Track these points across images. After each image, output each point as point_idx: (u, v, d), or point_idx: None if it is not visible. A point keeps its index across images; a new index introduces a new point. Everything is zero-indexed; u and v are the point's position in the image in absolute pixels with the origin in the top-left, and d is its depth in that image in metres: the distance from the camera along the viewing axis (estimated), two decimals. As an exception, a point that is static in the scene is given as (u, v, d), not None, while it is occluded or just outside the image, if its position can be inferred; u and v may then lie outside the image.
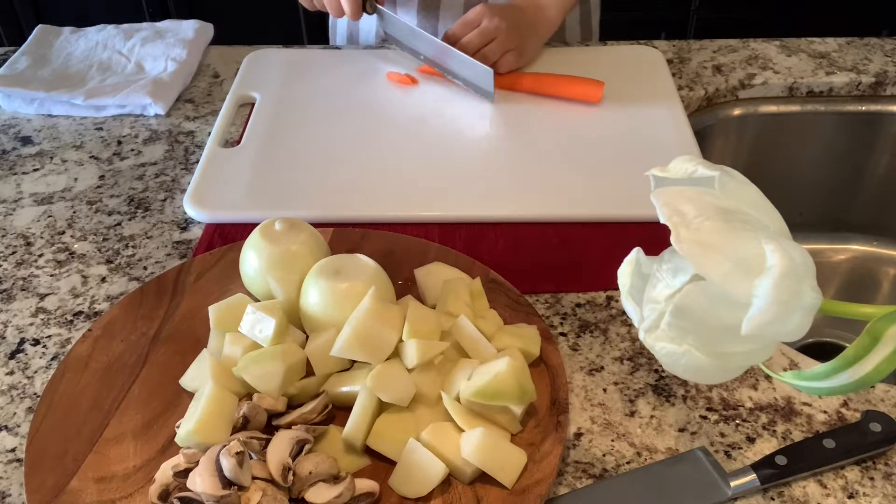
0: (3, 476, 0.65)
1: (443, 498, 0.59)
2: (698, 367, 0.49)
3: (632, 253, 0.54)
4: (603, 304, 0.78)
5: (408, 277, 0.76)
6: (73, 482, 0.61)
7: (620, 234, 0.84)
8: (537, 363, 0.68)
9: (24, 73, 1.10)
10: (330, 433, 0.63)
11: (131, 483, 0.61)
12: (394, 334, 0.65)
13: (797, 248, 0.47)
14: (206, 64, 1.16)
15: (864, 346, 0.47)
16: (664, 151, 0.93)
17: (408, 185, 0.90)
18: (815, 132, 1.14)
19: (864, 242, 1.22)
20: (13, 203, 0.93)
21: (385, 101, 1.04)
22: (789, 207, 0.59)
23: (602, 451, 0.65)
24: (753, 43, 1.18)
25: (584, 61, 1.11)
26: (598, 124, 0.99)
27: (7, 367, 0.73)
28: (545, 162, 0.93)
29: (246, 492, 0.56)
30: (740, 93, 1.11)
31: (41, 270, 0.83)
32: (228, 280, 0.76)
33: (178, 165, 0.97)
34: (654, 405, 0.68)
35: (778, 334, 0.47)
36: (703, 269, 0.46)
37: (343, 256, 0.71)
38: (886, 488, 0.62)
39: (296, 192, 0.89)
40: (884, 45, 1.17)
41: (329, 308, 0.68)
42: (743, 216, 0.48)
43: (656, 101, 1.03)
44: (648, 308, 0.50)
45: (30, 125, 1.06)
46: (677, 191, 0.49)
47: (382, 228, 0.84)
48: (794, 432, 0.66)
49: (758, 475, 0.61)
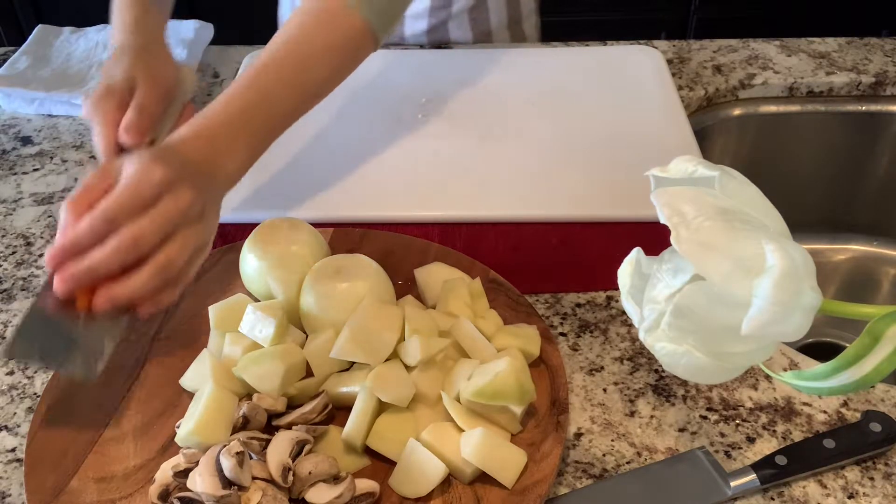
0: (3, 476, 0.65)
1: (443, 498, 0.59)
2: (698, 367, 0.49)
3: (632, 253, 0.54)
4: (603, 304, 0.78)
5: (408, 277, 0.76)
6: (73, 482, 0.61)
7: (620, 234, 0.84)
8: (537, 363, 0.68)
9: (24, 73, 1.10)
10: (330, 433, 0.63)
11: (131, 483, 0.61)
12: (392, 335, 0.65)
13: (797, 248, 0.47)
14: (206, 64, 1.16)
15: (864, 346, 0.47)
16: (664, 151, 0.93)
17: (408, 185, 0.90)
18: (815, 132, 1.14)
19: (864, 242, 1.22)
20: (13, 203, 0.93)
21: (385, 101, 1.04)
22: (789, 207, 0.59)
23: (602, 451, 0.65)
24: (753, 43, 1.18)
25: (585, 61, 1.11)
26: (597, 124, 0.99)
27: (7, 367, 0.73)
28: (545, 162, 0.93)
29: (246, 492, 0.56)
30: (740, 93, 1.11)
31: (41, 270, 0.83)
32: (228, 280, 0.76)
33: (178, 165, 0.97)
34: (654, 405, 0.68)
35: (778, 334, 0.47)
36: (703, 269, 0.46)
37: (343, 256, 0.71)
38: (886, 488, 0.62)
39: (296, 192, 0.89)
40: (884, 45, 1.17)
41: (329, 308, 0.68)
42: (743, 216, 0.48)
43: (656, 101, 1.03)
44: (648, 308, 0.50)
45: (30, 125, 1.06)
46: (677, 191, 0.49)
47: (382, 228, 0.84)
48: (794, 432, 0.66)
49: (758, 475, 0.61)
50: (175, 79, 0.80)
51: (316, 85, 0.75)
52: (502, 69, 1.10)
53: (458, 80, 1.07)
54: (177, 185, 0.62)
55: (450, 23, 1.16)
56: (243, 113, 0.69)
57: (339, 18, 0.75)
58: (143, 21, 0.81)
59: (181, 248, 0.62)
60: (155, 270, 0.61)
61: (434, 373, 0.64)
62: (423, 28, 1.17)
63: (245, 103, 0.69)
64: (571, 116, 1.01)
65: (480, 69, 1.10)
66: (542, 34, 1.28)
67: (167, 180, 0.61)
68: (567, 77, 1.08)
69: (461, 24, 1.17)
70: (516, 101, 1.04)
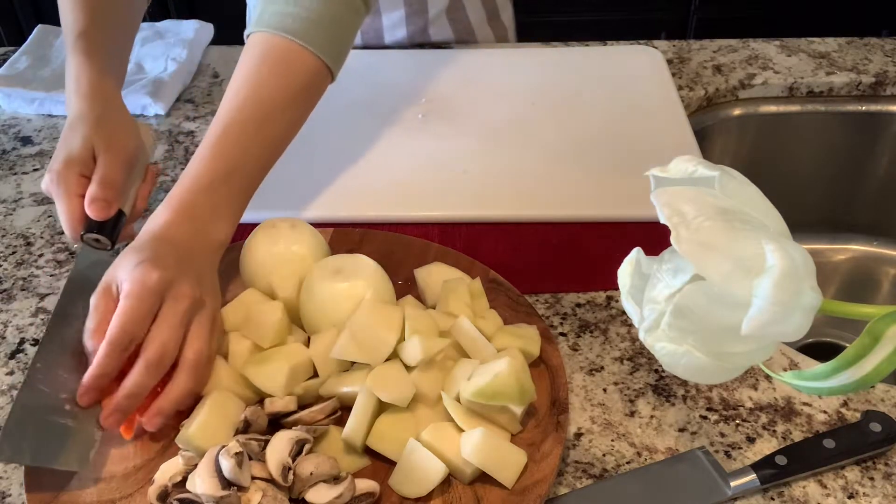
0: (3, 476, 0.65)
1: (443, 498, 0.59)
2: (698, 367, 0.49)
3: (632, 253, 0.54)
4: (603, 304, 0.78)
5: (408, 277, 0.76)
6: (73, 482, 0.61)
7: (620, 234, 0.84)
8: (537, 363, 0.68)
9: (24, 73, 1.10)
10: (330, 433, 0.63)
11: (131, 483, 0.61)
12: (392, 335, 0.65)
13: (797, 248, 0.47)
14: (206, 64, 1.16)
15: (864, 346, 0.47)
16: (664, 151, 0.93)
17: (408, 185, 0.90)
18: (815, 132, 1.14)
19: (864, 242, 1.22)
20: (13, 203, 0.93)
21: (385, 101, 1.04)
22: (789, 207, 0.59)
23: (602, 451, 0.65)
24: (753, 43, 1.18)
25: (585, 61, 1.11)
26: (598, 124, 0.99)
27: (7, 367, 0.73)
28: (545, 162, 0.93)
29: (246, 492, 0.56)
30: (740, 93, 1.11)
31: (41, 270, 0.83)
32: (228, 280, 0.76)
33: (178, 165, 0.97)
34: (654, 405, 0.68)
35: (778, 334, 0.47)
36: (703, 269, 0.46)
37: (343, 256, 0.71)
38: (886, 488, 0.62)
39: (296, 192, 0.89)
40: (884, 45, 1.17)
41: (329, 308, 0.68)
42: (743, 216, 0.48)
43: (656, 101, 1.03)
44: (648, 308, 0.50)
45: (30, 125, 1.06)
46: (677, 191, 0.49)
47: (382, 228, 0.84)
48: (794, 432, 0.66)
49: (758, 475, 0.61)
50: (136, 145, 0.78)
51: (282, 133, 0.74)
52: (502, 69, 1.10)
53: (458, 80, 1.07)
54: (175, 283, 0.63)
55: (429, 28, 1.16)
56: (213, 184, 0.69)
57: (294, 62, 0.74)
58: (99, 87, 0.79)
59: (202, 339, 0.63)
60: (190, 372, 0.62)
61: (434, 373, 0.64)
62: (402, 35, 1.16)
63: (215, 174, 0.69)
64: (571, 116, 1.01)
65: (480, 69, 1.10)
66: (543, 34, 1.27)
67: (165, 281, 0.62)
68: (567, 77, 1.08)
69: (441, 27, 1.16)
70: (516, 101, 1.04)
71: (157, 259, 0.63)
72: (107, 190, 0.73)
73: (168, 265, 0.63)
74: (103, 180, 0.73)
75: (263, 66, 0.74)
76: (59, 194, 0.73)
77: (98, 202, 0.72)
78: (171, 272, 0.63)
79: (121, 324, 0.60)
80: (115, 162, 0.75)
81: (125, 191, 0.76)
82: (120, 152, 0.76)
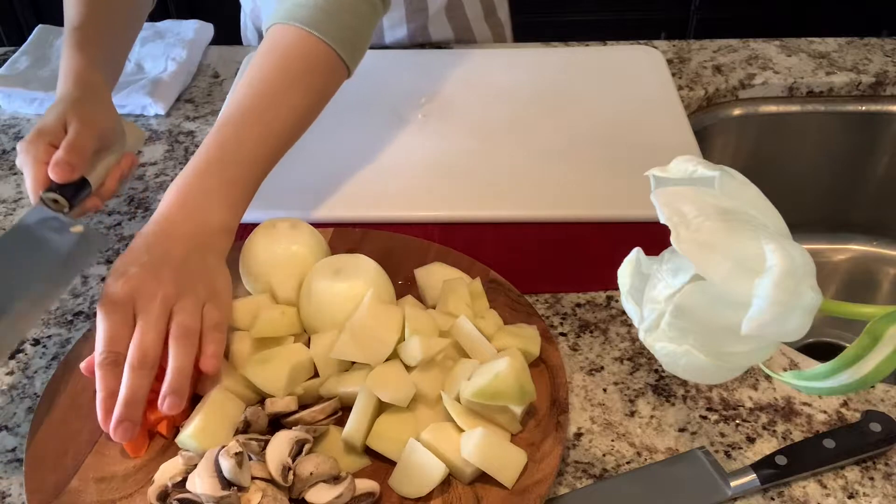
0: (3, 476, 0.65)
1: (443, 498, 0.59)
2: (698, 367, 0.49)
3: (632, 253, 0.54)
4: (603, 304, 0.78)
5: (408, 277, 0.76)
6: (73, 482, 0.61)
7: (620, 234, 0.84)
8: (537, 363, 0.68)
9: (24, 73, 1.10)
10: (330, 433, 0.63)
11: (131, 483, 0.61)
12: (392, 335, 0.65)
13: (797, 248, 0.47)
14: (206, 64, 1.16)
15: (864, 346, 0.47)
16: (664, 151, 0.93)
17: (408, 185, 0.90)
18: (815, 132, 1.14)
19: (864, 242, 1.22)
20: (13, 203, 0.93)
21: (385, 101, 1.04)
22: (789, 207, 0.59)
23: (602, 451, 0.65)
24: (753, 43, 1.18)
25: (585, 61, 1.11)
26: (598, 124, 0.99)
27: (7, 367, 0.73)
28: (545, 162, 0.93)
29: (246, 492, 0.56)
30: (740, 93, 1.11)
31: (41, 270, 0.83)
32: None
33: (178, 165, 0.97)
34: (654, 405, 0.68)
35: (778, 334, 0.47)
36: (703, 269, 0.46)
37: (343, 256, 0.71)
38: (886, 488, 0.62)
39: (296, 191, 0.89)
40: (884, 45, 1.17)
41: (329, 308, 0.68)
42: (743, 216, 0.48)
43: (656, 101, 1.03)
44: (648, 308, 0.50)
45: (30, 125, 1.06)
46: (677, 191, 0.49)
47: (382, 228, 0.84)
48: (794, 432, 0.66)
49: (758, 475, 0.61)
50: (111, 126, 0.78)
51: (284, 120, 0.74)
52: (502, 69, 1.10)
53: (458, 80, 1.07)
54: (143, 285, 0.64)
55: (429, 26, 1.16)
56: (209, 168, 0.70)
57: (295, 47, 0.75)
58: (86, 77, 0.79)
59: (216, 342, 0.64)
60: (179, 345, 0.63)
61: (434, 373, 0.64)
62: (402, 34, 1.16)
63: (210, 161, 0.70)
64: (571, 116, 1.01)
65: (480, 69, 1.10)
66: (542, 34, 1.27)
67: (130, 288, 0.63)
68: (567, 77, 1.08)
69: (440, 25, 1.16)
70: (516, 101, 1.04)
71: (125, 266, 0.65)
72: (71, 154, 0.72)
73: (133, 271, 0.64)
74: (69, 145, 0.73)
75: (267, 54, 0.75)
76: (26, 162, 0.73)
77: (62, 164, 0.72)
78: (136, 277, 0.64)
79: (102, 344, 0.62)
80: (85, 131, 0.75)
81: (92, 161, 0.75)
82: (92, 126, 0.75)
